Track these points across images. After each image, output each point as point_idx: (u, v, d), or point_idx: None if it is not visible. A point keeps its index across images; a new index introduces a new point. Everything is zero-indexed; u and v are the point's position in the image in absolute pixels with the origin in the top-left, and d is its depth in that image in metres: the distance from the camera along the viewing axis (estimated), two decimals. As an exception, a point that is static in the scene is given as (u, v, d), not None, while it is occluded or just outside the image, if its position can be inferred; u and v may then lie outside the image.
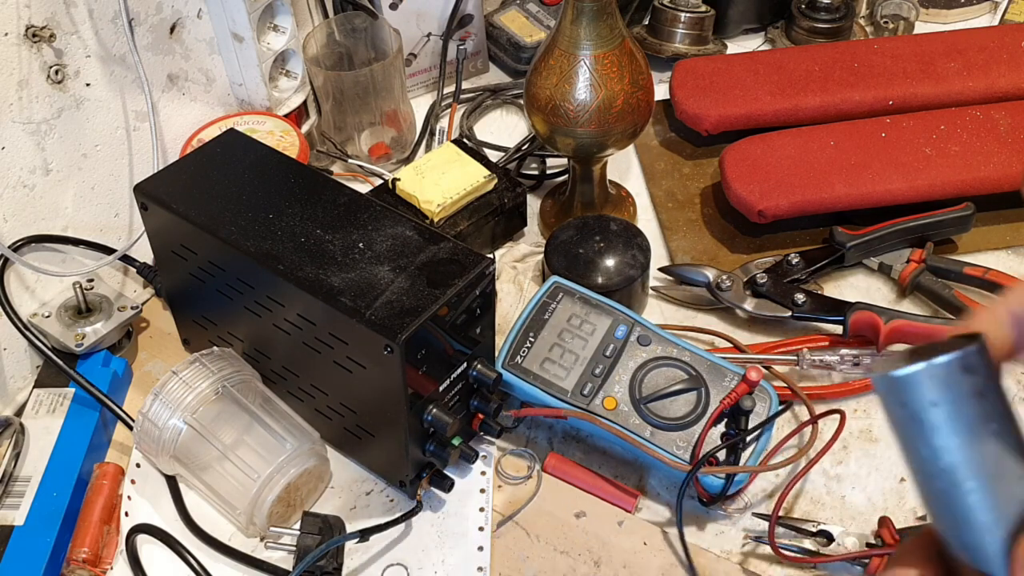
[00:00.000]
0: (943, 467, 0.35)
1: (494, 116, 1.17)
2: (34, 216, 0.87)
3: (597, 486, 0.81)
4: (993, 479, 0.35)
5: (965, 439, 0.34)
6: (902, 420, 0.35)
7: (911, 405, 0.35)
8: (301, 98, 1.08)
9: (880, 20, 1.22)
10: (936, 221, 0.93)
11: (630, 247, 0.90)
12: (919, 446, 0.35)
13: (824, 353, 0.86)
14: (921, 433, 0.35)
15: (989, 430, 0.35)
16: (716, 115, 1.04)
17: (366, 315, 0.68)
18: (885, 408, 0.36)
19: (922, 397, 0.34)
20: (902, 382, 0.35)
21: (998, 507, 0.35)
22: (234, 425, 0.78)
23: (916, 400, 0.34)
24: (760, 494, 0.80)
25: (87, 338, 0.87)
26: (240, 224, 0.76)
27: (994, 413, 0.35)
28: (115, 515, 0.79)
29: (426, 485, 0.78)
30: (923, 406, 0.34)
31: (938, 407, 0.34)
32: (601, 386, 0.80)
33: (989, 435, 0.34)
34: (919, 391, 0.34)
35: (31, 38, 0.81)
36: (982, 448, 0.34)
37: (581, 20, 0.85)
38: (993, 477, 0.35)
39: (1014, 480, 0.35)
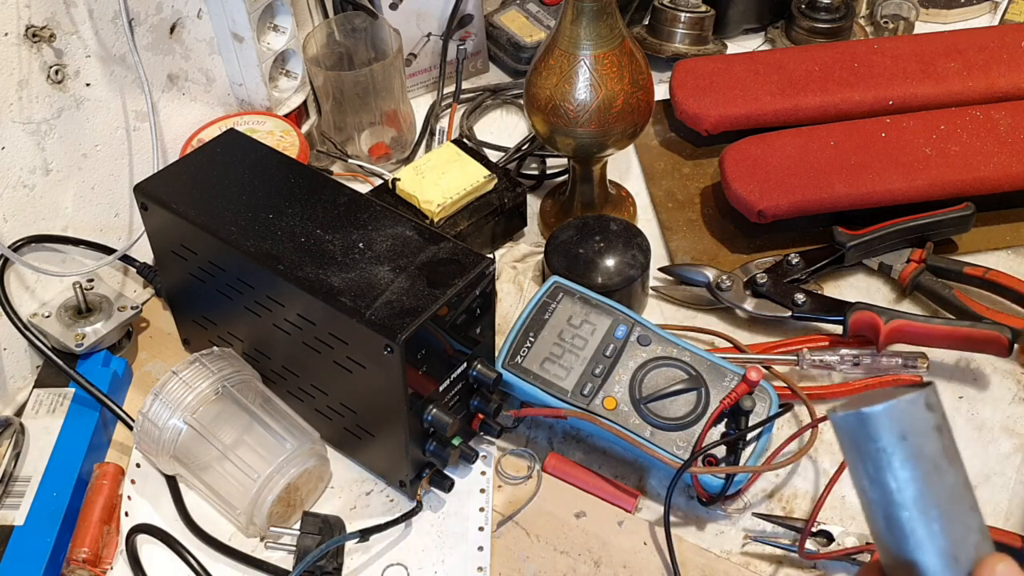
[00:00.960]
0: (908, 497, 0.37)
1: (494, 116, 1.18)
2: (34, 216, 0.87)
3: (597, 486, 0.81)
4: (951, 508, 0.37)
5: (928, 470, 0.37)
6: (869, 454, 0.38)
7: (881, 439, 0.37)
8: (301, 98, 1.08)
9: (880, 20, 1.22)
10: (936, 221, 0.93)
11: (630, 247, 0.90)
12: (886, 479, 0.38)
13: (824, 353, 0.86)
14: (889, 465, 0.37)
15: (947, 462, 0.37)
16: (716, 115, 1.04)
17: (366, 315, 0.68)
18: (848, 444, 0.39)
19: (892, 431, 0.37)
20: (874, 417, 0.37)
21: (957, 534, 0.37)
22: (234, 425, 0.78)
23: (886, 434, 0.37)
24: (760, 494, 0.80)
25: (87, 338, 0.87)
26: (240, 224, 0.76)
27: (950, 447, 0.38)
28: (115, 515, 0.79)
29: (426, 485, 0.78)
30: (893, 439, 0.37)
31: (907, 440, 0.37)
32: (601, 386, 0.80)
33: (948, 467, 0.37)
34: (889, 425, 0.37)
35: (31, 38, 0.81)
36: (942, 479, 0.37)
37: (581, 20, 0.85)
38: (951, 506, 0.37)
39: (967, 511, 0.38)
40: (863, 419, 0.37)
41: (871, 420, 0.37)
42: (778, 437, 0.82)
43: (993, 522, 0.77)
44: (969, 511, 0.38)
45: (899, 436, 0.37)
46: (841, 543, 0.75)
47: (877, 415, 0.37)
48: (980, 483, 0.80)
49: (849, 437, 0.38)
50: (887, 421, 0.37)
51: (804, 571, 0.76)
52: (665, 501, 0.76)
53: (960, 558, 0.37)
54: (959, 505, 0.38)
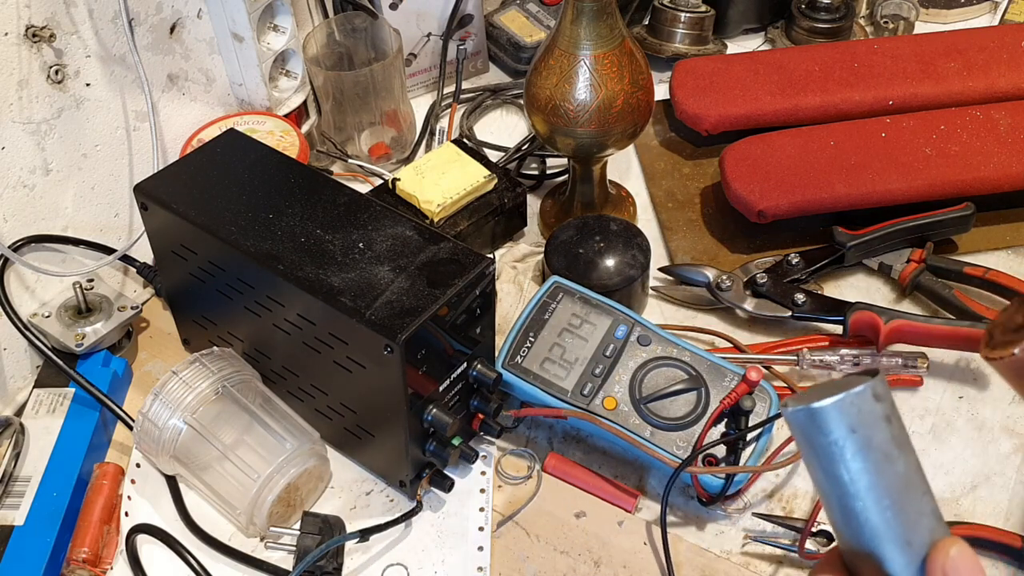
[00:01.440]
0: (861, 487, 0.38)
1: (494, 116, 1.18)
2: (34, 216, 0.87)
3: (597, 486, 0.81)
4: (904, 495, 0.38)
5: (879, 460, 0.38)
6: (822, 448, 0.38)
7: (832, 433, 0.38)
8: (301, 98, 1.08)
9: (880, 20, 1.22)
10: (936, 221, 0.93)
11: (630, 247, 0.90)
12: (839, 470, 0.38)
13: (824, 353, 0.86)
14: (842, 457, 0.38)
15: (897, 451, 0.38)
16: (716, 115, 1.04)
17: (366, 315, 0.68)
18: (802, 438, 0.39)
19: (842, 424, 0.38)
20: (824, 412, 0.38)
21: (910, 520, 0.38)
22: (234, 425, 0.78)
23: (837, 428, 0.38)
24: (760, 494, 0.80)
25: (87, 338, 0.87)
26: (240, 224, 0.76)
27: (900, 436, 0.39)
28: (115, 515, 0.79)
29: (426, 485, 0.78)
30: (843, 433, 0.38)
31: (856, 432, 0.38)
32: (601, 386, 0.80)
33: (898, 455, 0.38)
34: (839, 419, 0.38)
35: (31, 38, 0.81)
36: (893, 467, 0.38)
37: (581, 20, 0.85)
38: (903, 493, 0.38)
39: (919, 496, 0.39)
40: (813, 414, 0.38)
41: (820, 415, 0.38)
42: (778, 437, 0.82)
43: (993, 522, 0.77)
44: (921, 496, 0.39)
45: (848, 429, 0.38)
46: (841, 543, 0.75)
47: (826, 410, 0.38)
48: (980, 483, 0.80)
49: (801, 431, 0.39)
50: (836, 415, 0.38)
51: (804, 571, 0.76)
52: (662, 501, 0.76)
53: (914, 543, 0.38)
54: (911, 492, 0.38)
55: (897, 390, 0.86)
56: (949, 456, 0.82)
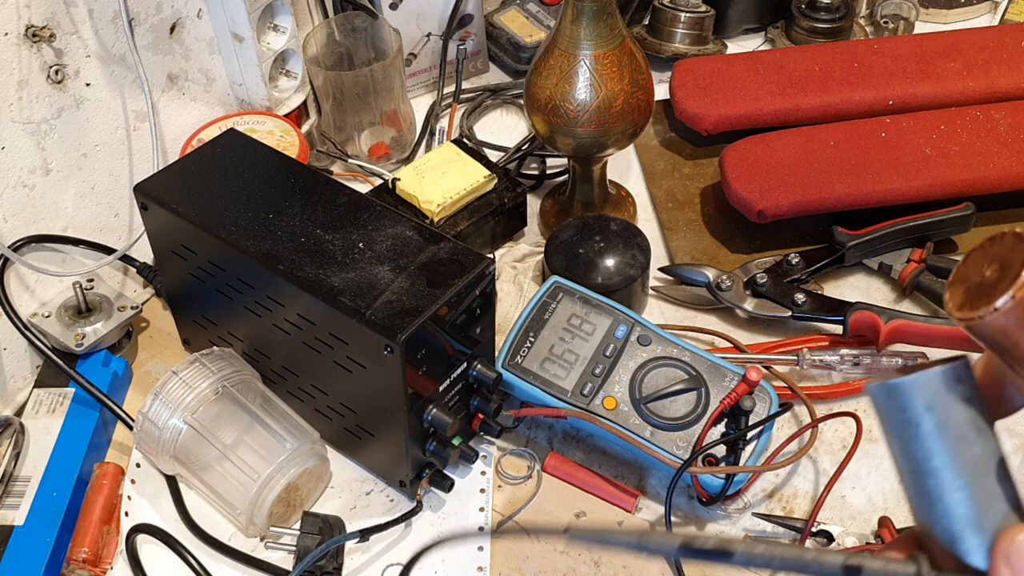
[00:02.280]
0: (935, 466, 0.38)
1: (494, 116, 1.18)
2: (34, 216, 0.87)
3: (597, 486, 0.81)
4: (978, 477, 0.38)
5: (955, 441, 0.38)
6: (899, 424, 0.39)
7: (909, 410, 0.38)
8: (301, 98, 1.08)
9: (880, 20, 1.22)
10: (936, 221, 0.93)
11: (630, 247, 0.90)
12: (914, 448, 0.39)
13: (824, 353, 0.86)
14: (917, 435, 0.38)
15: (975, 433, 0.38)
16: (716, 115, 1.04)
17: (366, 315, 0.68)
18: (882, 415, 0.40)
19: (919, 402, 0.38)
20: (902, 389, 0.38)
21: (982, 503, 0.38)
22: (234, 425, 0.78)
23: (914, 405, 0.38)
24: (760, 494, 0.80)
25: (87, 338, 0.87)
26: (240, 224, 0.76)
27: (979, 419, 0.39)
28: (115, 515, 0.79)
29: (426, 485, 0.78)
30: (920, 411, 0.38)
31: (933, 411, 0.38)
32: (601, 386, 0.80)
33: (975, 438, 0.38)
34: (917, 397, 0.38)
35: (31, 38, 0.81)
36: (969, 449, 0.38)
37: (581, 20, 0.85)
38: (978, 476, 0.38)
39: (995, 481, 0.39)
40: (891, 390, 0.38)
41: (899, 391, 0.38)
42: (778, 437, 0.82)
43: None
44: (997, 482, 0.38)
45: (926, 407, 0.38)
46: (841, 543, 0.75)
47: (904, 386, 0.38)
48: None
49: (881, 407, 0.39)
50: (914, 392, 0.38)
51: (804, 571, 0.75)
52: (666, 502, 0.76)
53: (985, 527, 0.38)
54: (985, 476, 0.38)
55: (897, 390, 0.86)
56: (949, 456, 0.82)
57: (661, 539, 0.40)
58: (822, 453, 0.83)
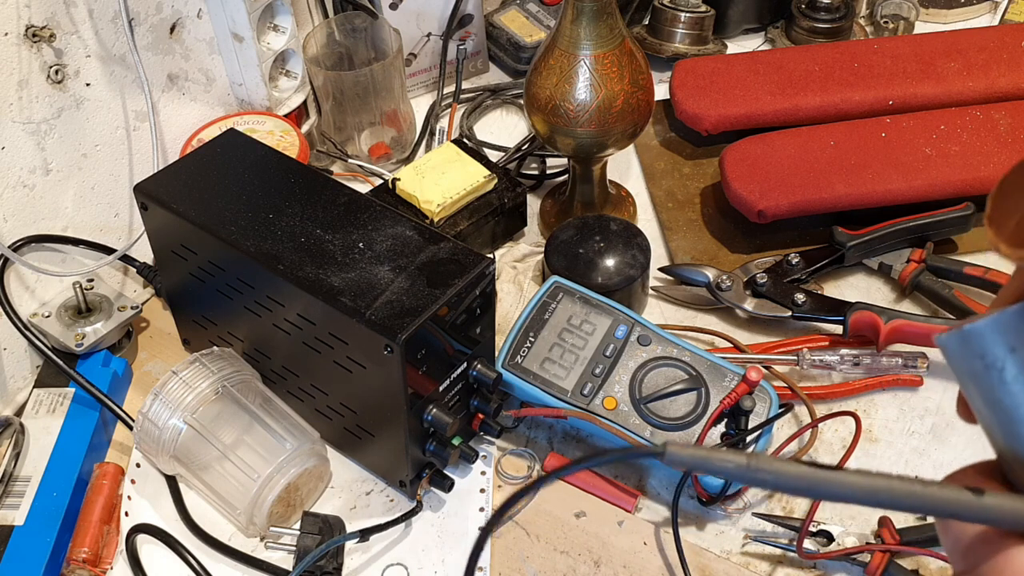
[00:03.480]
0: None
1: (494, 116, 1.18)
2: (34, 216, 0.87)
3: (597, 486, 0.81)
4: None
5: None
6: (979, 373, 0.35)
7: (989, 355, 0.35)
8: (301, 98, 1.08)
9: (880, 20, 1.22)
10: (936, 221, 0.93)
11: (630, 247, 0.90)
12: (1001, 395, 0.35)
13: (824, 353, 0.86)
14: (1002, 381, 0.35)
15: None
16: (716, 115, 1.04)
17: (366, 315, 0.68)
18: (958, 366, 0.36)
19: (1000, 345, 0.35)
20: (978, 333, 0.35)
21: None
22: (234, 425, 0.78)
23: (994, 349, 0.35)
24: (760, 494, 0.80)
25: (87, 338, 0.87)
26: (240, 224, 0.76)
27: None
28: (115, 515, 0.79)
29: (426, 485, 0.78)
30: (1002, 354, 0.35)
31: (1016, 352, 0.35)
32: (601, 386, 0.80)
33: None
34: (997, 339, 0.35)
35: (31, 38, 0.81)
36: None
37: (581, 20, 0.85)
38: None
39: None
40: (966, 336, 0.35)
41: (975, 336, 0.35)
42: (778, 437, 0.82)
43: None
44: None
45: (1008, 349, 0.35)
46: (841, 543, 0.75)
47: (980, 330, 0.35)
48: (980, 483, 0.80)
49: (956, 358, 0.36)
50: (994, 335, 0.35)
51: (804, 571, 0.76)
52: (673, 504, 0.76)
53: None
54: None
55: (897, 390, 0.86)
56: (949, 456, 0.82)
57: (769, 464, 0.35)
58: (822, 453, 0.83)
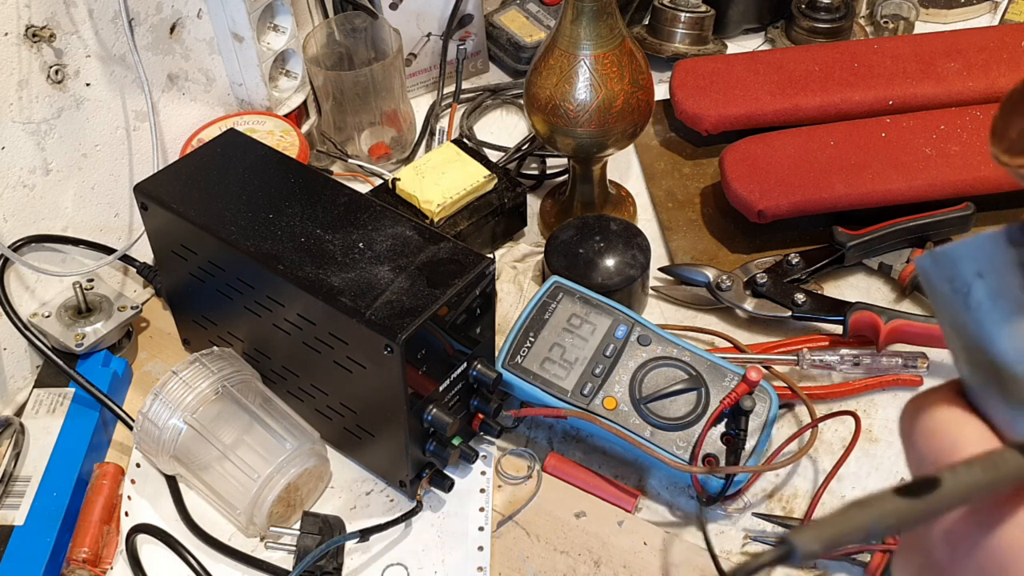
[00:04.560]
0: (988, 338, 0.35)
1: (494, 116, 1.18)
2: (34, 216, 0.87)
3: (597, 486, 0.81)
4: None
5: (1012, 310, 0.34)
6: (948, 296, 0.35)
7: (958, 279, 0.35)
8: (301, 98, 1.08)
9: (880, 20, 1.22)
10: (936, 221, 0.93)
11: (630, 247, 0.90)
12: (964, 319, 0.35)
13: (824, 353, 0.86)
14: (967, 305, 0.35)
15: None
16: (716, 115, 1.04)
17: (366, 315, 0.68)
18: (930, 288, 0.36)
19: (968, 269, 0.34)
20: (949, 256, 0.35)
21: None
22: (234, 425, 0.78)
23: (962, 273, 0.34)
24: (760, 494, 0.80)
25: (87, 338, 0.87)
26: (240, 224, 0.76)
27: None
28: (115, 515, 0.79)
29: (426, 485, 0.78)
30: (969, 278, 0.34)
31: (984, 278, 0.34)
32: (601, 386, 0.80)
33: None
34: (965, 264, 0.34)
35: (31, 38, 0.81)
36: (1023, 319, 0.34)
37: (581, 20, 0.85)
38: None
39: None
40: (937, 258, 0.35)
41: (946, 258, 0.35)
42: (778, 437, 0.82)
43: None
44: None
45: (975, 274, 0.34)
46: (841, 543, 0.75)
47: (950, 253, 0.34)
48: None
49: (929, 279, 0.36)
50: (962, 259, 0.34)
51: (804, 571, 0.76)
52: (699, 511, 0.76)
53: None
54: None
55: (897, 390, 0.86)
56: (949, 456, 0.82)
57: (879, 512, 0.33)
58: (822, 453, 0.83)
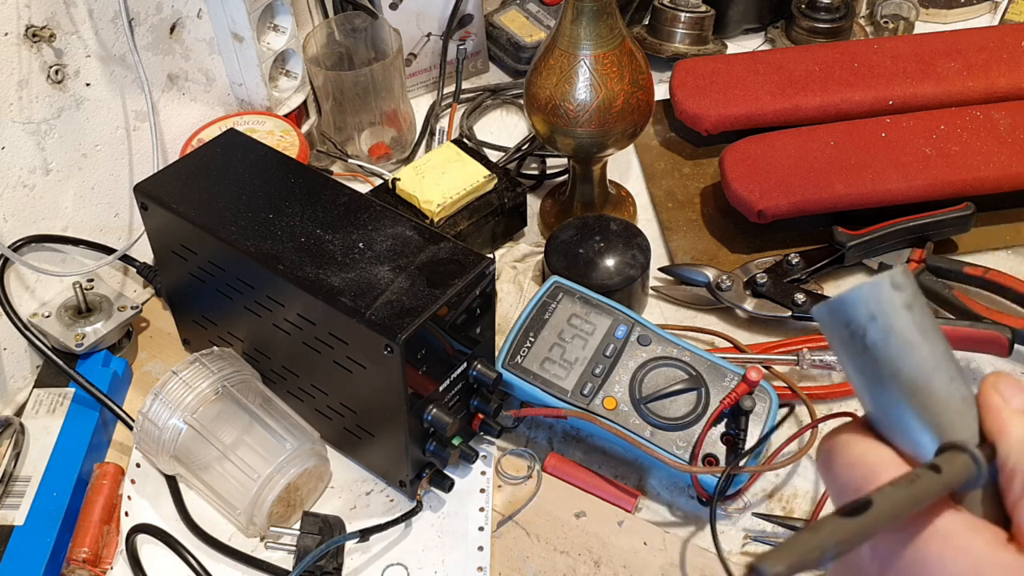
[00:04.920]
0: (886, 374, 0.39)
1: (494, 116, 1.18)
2: (34, 216, 0.87)
3: (597, 486, 0.81)
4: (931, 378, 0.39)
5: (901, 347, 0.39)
6: (846, 340, 0.40)
7: (852, 323, 0.39)
8: (301, 98, 1.08)
9: (880, 20, 1.22)
10: (936, 221, 0.93)
11: (630, 247, 0.90)
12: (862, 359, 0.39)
13: (824, 353, 0.86)
14: (863, 346, 0.39)
15: (921, 338, 0.39)
16: (716, 115, 1.04)
17: (366, 315, 0.68)
18: (830, 335, 0.41)
19: (862, 313, 0.39)
20: (843, 302, 0.39)
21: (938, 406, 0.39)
22: (234, 425, 0.78)
23: (857, 317, 0.39)
24: (760, 494, 0.80)
25: (87, 338, 0.87)
26: (240, 224, 0.76)
27: (923, 323, 0.39)
28: (115, 515, 0.79)
29: (426, 485, 0.78)
30: (863, 322, 0.39)
31: (876, 321, 0.39)
32: (601, 386, 0.80)
33: (922, 342, 0.39)
34: (859, 308, 0.39)
35: (31, 38, 0.81)
36: (915, 353, 0.39)
37: (581, 20, 0.85)
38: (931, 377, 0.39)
39: (947, 380, 0.39)
40: (833, 306, 0.40)
41: (841, 305, 0.39)
42: (778, 437, 0.82)
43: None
44: (950, 381, 0.40)
45: (868, 317, 0.39)
46: (841, 543, 0.75)
47: (844, 300, 0.39)
48: (980, 483, 0.80)
49: (828, 327, 0.40)
50: (855, 305, 0.39)
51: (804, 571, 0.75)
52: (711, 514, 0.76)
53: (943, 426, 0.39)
54: (938, 376, 0.39)
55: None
56: (949, 456, 0.82)
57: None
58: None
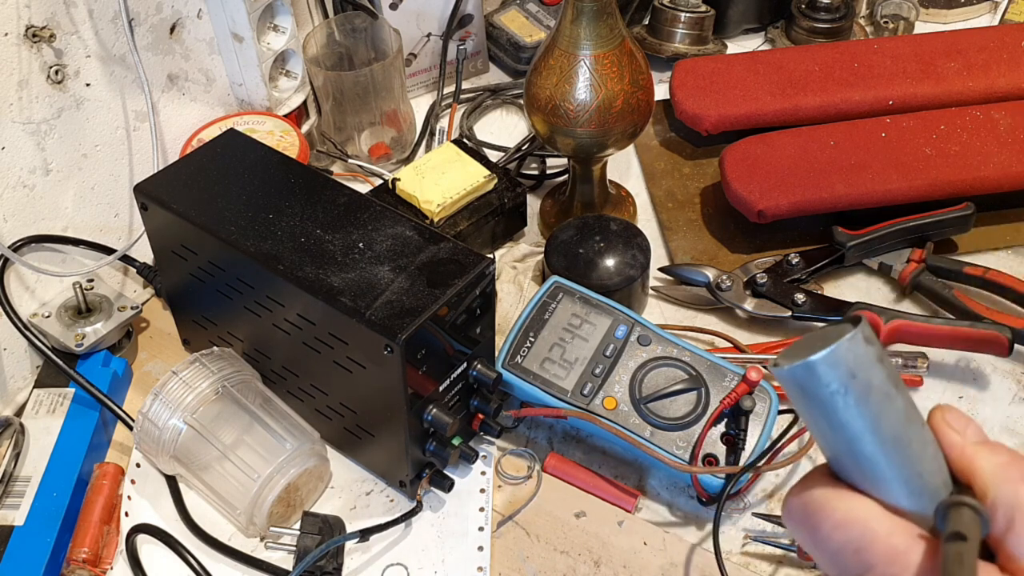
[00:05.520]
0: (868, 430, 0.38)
1: (494, 116, 1.18)
2: (34, 216, 0.87)
3: (597, 486, 0.81)
4: (908, 429, 0.39)
5: (882, 400, 0.38)
6: (825, 399, 0.38)
7: (833, 382, 0.38)
8: (301, 98, 1.08)
9: (880, 20, 1.22)
10: (936, 221, 0.93)
11: (630, 247, 0.90)
12: (844, 418, 0.38)
13: (824, 353, 0.86)
14: (846, 405, 0.38)
15: (896, 389, 0.38)
16: (716, 115, 1.04)
17: (366, 315, 0.68)
18: (801, 395, 0.39)
19: (842, 372, 0.38)
20: (823, 363, 0.38)
21: (915, 454, 0.39)
22: (234, 425, 0.78)
23: (837, 376, 0.38)
24: (760, 494, 0.80)
25: (87, 338, 0.87)
26: (240, 224, 0.76)
27: (894, 374, 0.39)
28: (115, 515, 0.79)
29: (426, 485, 0.78)
30: (845, 380, 0.38)
31: (856, 378, 0.38)
32: (601, 386, 0.80)
33: (896, 393, 0.38)
34: (839, 367, 0.38)
35: (31, 38, 0.81)
36: (894, 404, 0.38)
37: (581, 20, 0.85)
38: (908, 427, 0.39)
39: (920, 427, 0.39)
40: (811, 367, 0.38)
41: (820, 366, 0.38)
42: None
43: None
44: (921, 428, 0.40)
45: (849, 375, 0.38)
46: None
47: (825, 359, 0.38)
48: (980, 483, 0.80)
49: (799, 388, 0.39)
50: (835, 363, 0.38)
51: (804, 571, 0.76)
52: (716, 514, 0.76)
53: (924, 473, 0.39)
54: (913, 425, 0.39)
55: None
56: (949, 456, 0.82)
57: None
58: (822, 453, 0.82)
